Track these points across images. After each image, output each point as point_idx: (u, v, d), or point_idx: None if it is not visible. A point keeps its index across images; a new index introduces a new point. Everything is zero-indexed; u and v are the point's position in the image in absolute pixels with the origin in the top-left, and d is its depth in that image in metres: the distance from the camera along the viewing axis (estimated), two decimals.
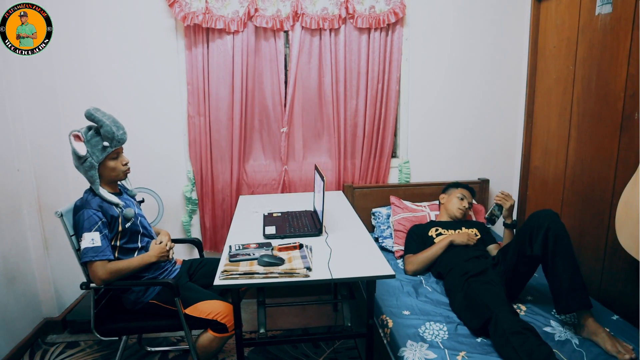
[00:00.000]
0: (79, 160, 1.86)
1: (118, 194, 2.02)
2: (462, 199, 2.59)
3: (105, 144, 1.86)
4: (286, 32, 2.74)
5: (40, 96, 2.58)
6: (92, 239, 1.79)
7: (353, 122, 2.87)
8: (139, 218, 2.04)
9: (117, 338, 2.24)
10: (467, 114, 3.00)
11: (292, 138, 2.86)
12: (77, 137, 1.84)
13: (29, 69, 2.46)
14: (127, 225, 1.93)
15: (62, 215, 1.80)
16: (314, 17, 2.64)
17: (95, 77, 2.72)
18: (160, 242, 2.02)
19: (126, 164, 1.99)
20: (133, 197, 2.16)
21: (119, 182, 2.07)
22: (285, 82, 2.80)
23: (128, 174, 2.03)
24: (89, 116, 1.86)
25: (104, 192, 1.91)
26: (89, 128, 1.89)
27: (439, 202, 2.73)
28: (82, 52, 2.68)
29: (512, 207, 2.35)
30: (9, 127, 2.40)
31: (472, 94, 2.97)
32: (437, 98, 2.96)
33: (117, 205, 1.93)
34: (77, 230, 1.83)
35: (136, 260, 1.92)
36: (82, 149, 1.83)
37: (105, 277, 1.81)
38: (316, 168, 2.22)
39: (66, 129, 2.74)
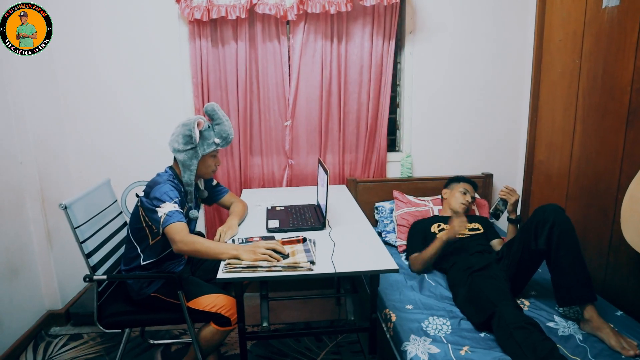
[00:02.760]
0: (187, 145, 1.90)
1: None
2: (464, 194, 2.58)
3: (217, 140, 1.93)
4: (288, 22, 2.72)
5: (43, 89, 2.57)
6: (174, 205, 1.80)
7: (356, 115, 2.86)
8: (192, 222, 2.06)
9: (120, 330, 2.24)
10: (470, 108, 2.98)
11: (295, 131, 2.85)
12: (199, 124, 1.88)
13: (31, 63, 2.45)
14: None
15: (66, 207, 1.79)
16: (320, 1, 2.58)
17: (97, 70, 2.72)
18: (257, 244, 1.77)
19: (217, 166, 2.04)
20: (199, 197, 2.17)
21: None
22: (289, 75, 2.79)
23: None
24: (212, 111, 1.92)
25: (190, 184, 1.95)
26: (203, 121, 1.93)
27: (442, 197, 2.72)
28: (84, 46, 2.68)
29: (516, 202, 2.33)
30: (12, 120, 2.39)
31: (476, 88, 2.95)
32: (441, 92, 2.94)
33: (189, 201, 1.97)
34: (154, 201, 1.81)
35: (216, 245, 1.77)
36: (198, 137, 1.88)
37: (185, 239, 1.75)
38: (320, 162, 2.21)
39: (68, 122, 2.76)
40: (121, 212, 2.26)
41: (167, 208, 1.79)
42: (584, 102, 2.36)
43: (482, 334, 1.79)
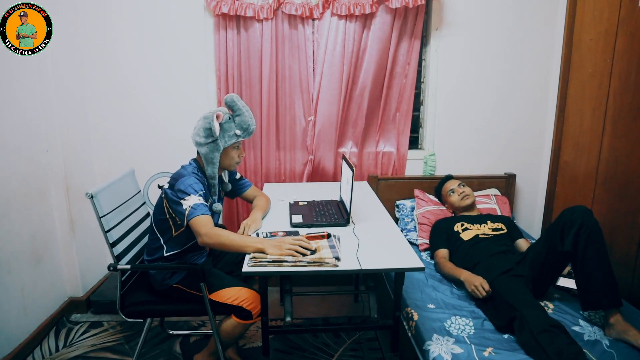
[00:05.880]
0: (208, 138, 1.88)
1: None
2: (452, 193, 2.60)
3: (238, 132, 1.91)
4: (314, 19, 2.71)
5: (69, 79, 2.59)
6: (199, 198, 1.80)
7: (380, 112, 2.83)
8: (215, 215, 2.04)
9: (141, 320, 2.26)
10: (494, 106, 2.93)
11: (318, 127, 2.83)
12: (218, 117, 1.87)
13: (58, 54, 2.47)
14: None
15: (92, 196, 1.80)
16: (345, 3, 2.59)
17: (121, 61, 2.73)
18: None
19: (241, 158, 2.02)
20: (223, 190, 2.16)
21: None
22: (313, 70, 2.77)
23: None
24: (231, 102, 1.91)
25: (214, 177, 1.95)
26: (224, 113, 1.92)
27: (451, 212, 2.69)
28: (108, 36, 2.69)
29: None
30: (39, 109, 2.42)
31: (501, 86, 2.90)
32: (465, 89, 2.89)
33: (212, 194, 1.97)
34: (179, 193, 1.81)
35: (241, 239, 1.76)
36: (217, 129, 1.86)
37: (210, 232, 1.75)
38: (344, 158, 2.19)
39: (93, 112, 2.78)
40: (144, 203, 2.27)
41: (192, 201, 1.79)
42: (615, 102, 2.31)
43: (506, 336, 1.76)
